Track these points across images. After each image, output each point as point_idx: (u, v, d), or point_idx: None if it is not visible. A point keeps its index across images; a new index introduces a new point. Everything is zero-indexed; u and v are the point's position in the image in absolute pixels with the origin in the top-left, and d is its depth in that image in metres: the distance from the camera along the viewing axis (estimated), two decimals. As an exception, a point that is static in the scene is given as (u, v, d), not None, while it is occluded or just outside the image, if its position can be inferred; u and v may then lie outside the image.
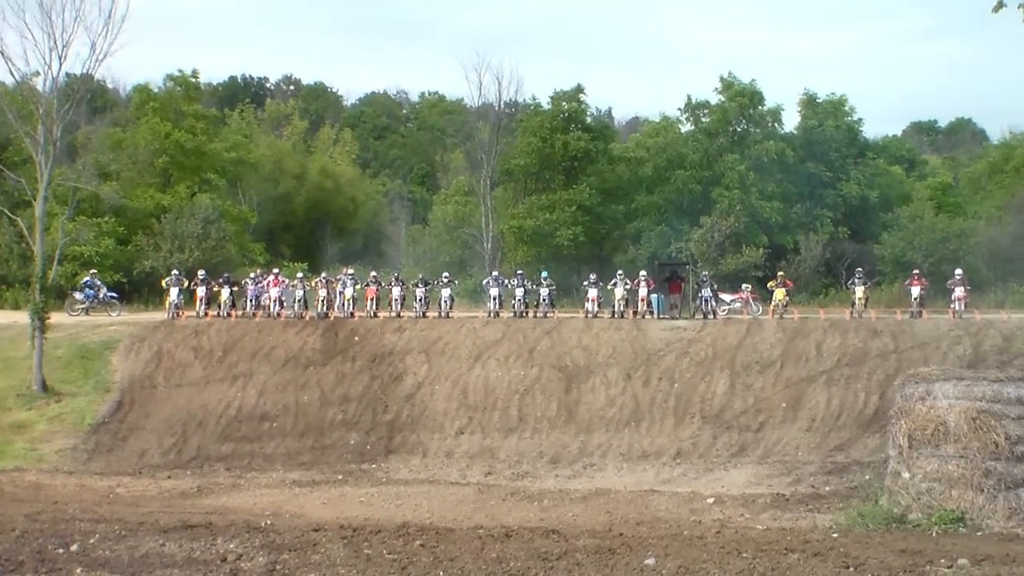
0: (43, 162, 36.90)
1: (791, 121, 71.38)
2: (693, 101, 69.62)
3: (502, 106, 69.50)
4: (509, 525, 20.31)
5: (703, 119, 68.91)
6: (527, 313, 41.91)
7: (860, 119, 71.67)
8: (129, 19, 64.47)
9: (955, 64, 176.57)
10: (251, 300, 42.76)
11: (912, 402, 20.91)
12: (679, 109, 71.22)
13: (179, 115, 65.78)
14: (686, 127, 70.25)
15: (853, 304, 41.67)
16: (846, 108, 70.67)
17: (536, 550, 16.51)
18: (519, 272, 44.89)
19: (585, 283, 43.15)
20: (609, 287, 42.35)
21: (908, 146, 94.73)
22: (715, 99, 68.16)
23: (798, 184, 66.42)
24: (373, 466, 30.91)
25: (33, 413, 33.44)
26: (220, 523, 19.18)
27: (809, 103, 70.78)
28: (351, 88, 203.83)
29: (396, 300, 42.45)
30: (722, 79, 67.85)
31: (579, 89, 66.88)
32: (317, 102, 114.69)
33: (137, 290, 54.81)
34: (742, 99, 66.24)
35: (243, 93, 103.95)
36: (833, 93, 71.22)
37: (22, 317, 39.28)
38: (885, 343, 35.15)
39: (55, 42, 36.49)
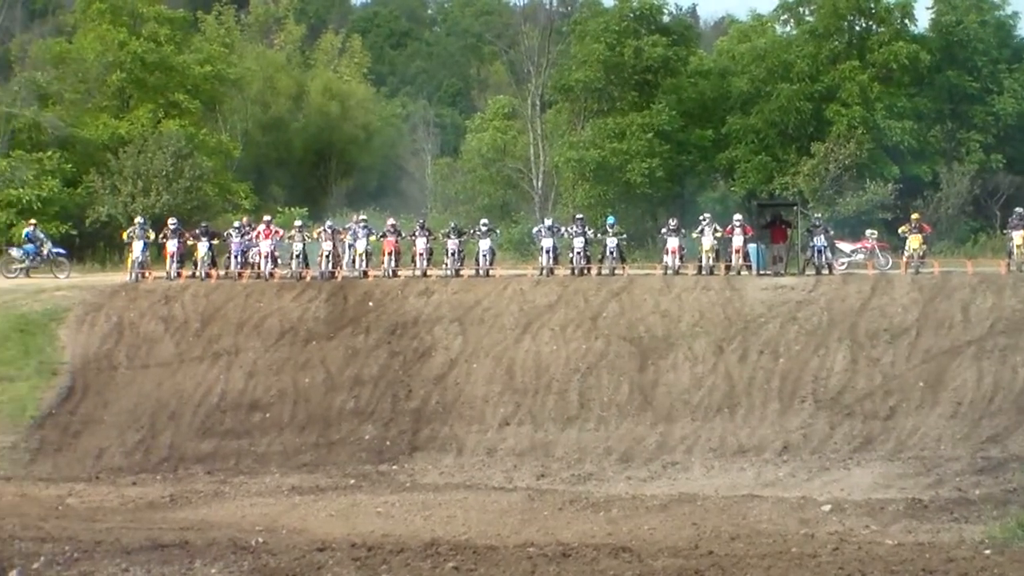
0: (-32, 82, 37.16)
1: (923, 20, 70.19)
2: (790, -1, 68.49)
3: (554, 4, 69.17)
4: (567, 542, 20.37)
5: (807, 17, 67.85)
6: (589, 270, 41.89)
7: (1015, 13, 70.21)
8: None
9: None
10: (236, 256, 42.91)
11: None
12: (775, 9, 70.17)
13: (136, 20, 65.60)
14: (783, 29, 69.25)
15: (1011, 254, 41.21)
16: (995, 0, 69.35)
17: (602, 574, 16.56)
18: (579, 217, 44.73)
19: (664, 231, 43.17)
20: (694, 235, 42.24)
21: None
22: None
23: (937, 99, 65.29)
24: (394, 467, 31.13)
25: (-40, 403, 33.78)
26: (199, 542, 19.36)
27: (943, -6, 69.35)
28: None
29: (421, 255, 42.43)
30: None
31: (653, -19, 66.23)
32: (317, 2, 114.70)
33: (91, 245, 55.10)
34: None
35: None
36: (977, -21, 69.99)
37: (-55, 281, 39.62)
38: (1053, 304, 34.97)
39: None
